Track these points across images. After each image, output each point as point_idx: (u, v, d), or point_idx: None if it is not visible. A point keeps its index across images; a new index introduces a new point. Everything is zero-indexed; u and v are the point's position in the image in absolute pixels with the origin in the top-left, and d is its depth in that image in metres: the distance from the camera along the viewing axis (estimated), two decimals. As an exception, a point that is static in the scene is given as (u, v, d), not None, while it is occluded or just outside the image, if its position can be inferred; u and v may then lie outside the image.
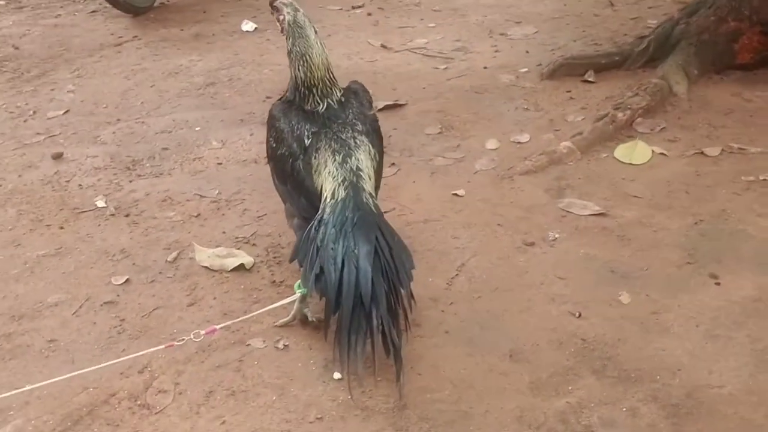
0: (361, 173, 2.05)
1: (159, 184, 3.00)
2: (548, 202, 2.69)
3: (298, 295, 2.09)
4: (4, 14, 5.24)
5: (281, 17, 2.17)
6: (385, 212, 2.62)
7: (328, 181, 2.04)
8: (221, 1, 5.28)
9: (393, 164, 3.01)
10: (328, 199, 2.02)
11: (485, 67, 3.93)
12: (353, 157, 2.06)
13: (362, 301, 1.88)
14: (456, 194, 2.77)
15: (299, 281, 2.08)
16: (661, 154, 2.94)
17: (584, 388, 1.89)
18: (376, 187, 2.15)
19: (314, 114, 2.14)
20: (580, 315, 2.13)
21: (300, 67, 2.15)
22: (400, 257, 1.99)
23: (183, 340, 2.03)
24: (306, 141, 2.09)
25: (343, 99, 2.19)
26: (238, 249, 2.51)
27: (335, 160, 2.05)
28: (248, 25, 4.72)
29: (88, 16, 5.18)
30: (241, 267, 2.42)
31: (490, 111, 3.44)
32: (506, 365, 1.98)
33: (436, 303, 2.22)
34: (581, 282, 2.27)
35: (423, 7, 5.06)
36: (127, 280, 2.41)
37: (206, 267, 2.45)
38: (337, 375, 1.96)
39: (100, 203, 2.87)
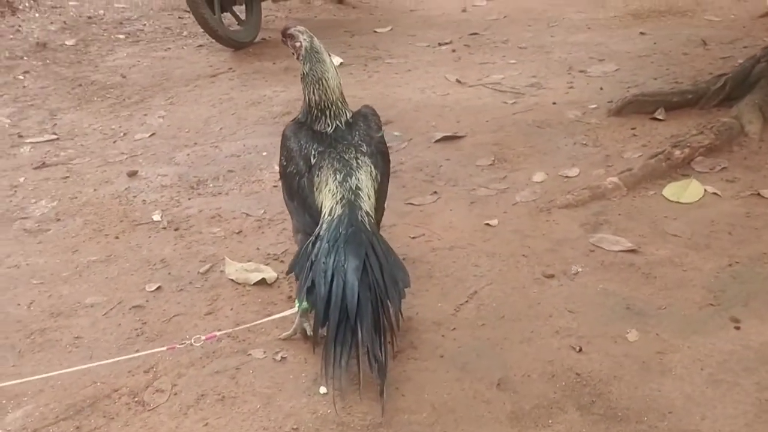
0: (360, 192, 2.09)
1: (214, 202, 3.17)
2: (580, 236, 2.62)
3: (296, 309, 2.14)
4: (121, 47, 5.70)
5: (297, 44, 2.27)
6: (412, 237, 2.68)
7: (328, 198, 2.10)
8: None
9: (435, 192, 3.03)
10: (325, 216, 2.08)
11: (554, 103, 3.88)
12: (353, 177, 2.11)
13: (348, 315, 1.91)
14: (488, 224, 2.75)
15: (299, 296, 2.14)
16: (714, 194, 2.79)
17: (565, 422, 1.82)
18: (378, 207, 2.17)
19: (323, 135, 2.21)
20: (580, 349, 2.06)
21: (315, 91, 2.23)
22: (392, 275, 2.00)
23: (184, 343, 2.14)
24: (312, 160, 2.17)
25: (351, 121, 2.25)
26: (267, 265, 2.61)
27: (336, 178, 2.11)
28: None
29: (194, 50, 5.55)
30: (263, 281, 2.51)
31: (547, 145, 3.39)
32: (492, 393, 1.94)
33: (438, 327, 2.21)
34: (591, 317, 2.19)
35: (510, 44, 5.07)
36: (158, 288, 2.56)
37: (232, 280, 2.55)
38: (323, 389, 1.99)
39: (156, 217, 3.06)
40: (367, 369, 1.93)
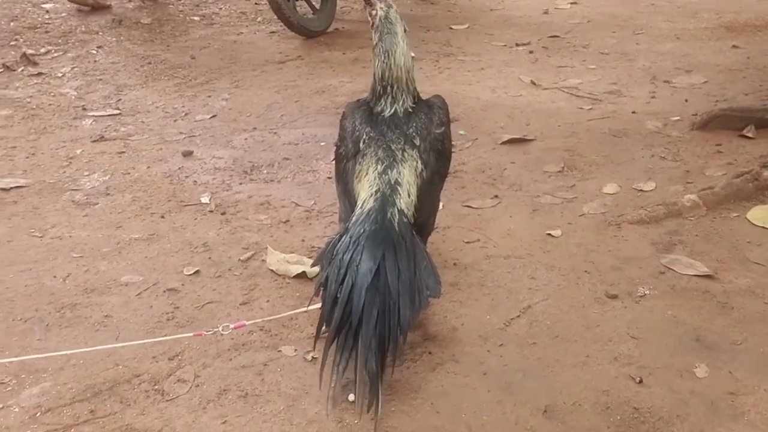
0: (398, 187, 1.92)
1: (265, 189, 3.05)
2: (651, 255, 2.40)
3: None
4: (195, 29, 5.68)
5: (373, 12, 2.12)
6: (466, 242, 2.50)
7: (364, 189, 1.94)
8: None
9: (495, 196, 2.84)
10: (357, 208, 1.92)
11: (633, 112, 3.63)
12: (395, 170, 1.94)
13: (350, 318, 1.75)
14: (550, 234, 2.55)
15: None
16: (806, 221, 2.53)
17: (617, 462, 1.62)
18: (421, 206, 1.98)
19: (378, 118, 2.06)
20: (641, 381, 1.85)
21: (381, 64, 2.09)
22: (413, 282, 1.81)
23: (211, 330, 2.02)
24: (361, 144, 2.02)
25: (412, 109, 2.09)
26: (309, 258, 2.47)
27: (376, 169, 1.95)
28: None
29: (266, 36, 5.48)
30: (303, 275, 2.37)
31: (622, 156, 3.16)
32: (536, 421, 1.75)
33: (484, 342, 2.03)
34: (656, 345, 1.97)
35: (591, 49, 4.82)
36: (196, 272, 2.45)
37: (272, 270, 2.43)
38: (351, 397, 1.84)
39: (204, 199, 2.96)
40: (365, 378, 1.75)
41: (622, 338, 2.01)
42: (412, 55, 4.73)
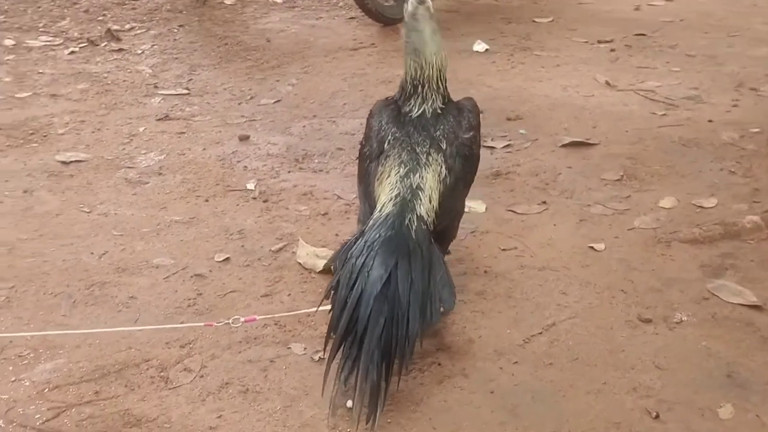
0: (419, 193, 1.85)
1: (311, 179, 3.03)
2: (697, 279, 2.23)
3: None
4: (276, 11, 5.71)
5: (406, 6, 2.06)
6: (503, 249, 2.41)
7: (385, 192, 1.88)
8: (468, 22, 5.25)
9: (543, 202, 2.72)
10: (376, 212, 1.86)
11: (710, 121, 3.41)
12: (417, 174, 1.88)
13: (356, 326, 1.70)
14: (592, 247, 2.42)
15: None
16: None
17: (613, 503, 1.51)
18: (443, 213, 1.91)
19: (406, 119, 1.99)
20: (657, 416, 1.72)
21: (411, 62, 2.02)
22: (425, 293, 1.75)
23: (221, 322, 2.02)
24: (386, 145, 1.96)
25: (441, 111, 2.00)
26: (339, 253, 2.43)
27: (398, 172, 1.89)
28: (480, 46, 4.62)
29: (344, 22, 5.45)
30: (329, 271, 2.34)
31: (688, 168, 2.96)
32: (536, 448, 1.66)
33: (498, 357, 1.94)
34: (681, 378, 1.83)
35: (677, 50, 4.55)
36: (226, 259, 2.45)
37: (300, 263, 2.40)
38: (349, 403, 1.79)
39: (250, 186, 2.96)
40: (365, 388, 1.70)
41: (645, 367, 1.88)
42: (486, 47, 4.62)
